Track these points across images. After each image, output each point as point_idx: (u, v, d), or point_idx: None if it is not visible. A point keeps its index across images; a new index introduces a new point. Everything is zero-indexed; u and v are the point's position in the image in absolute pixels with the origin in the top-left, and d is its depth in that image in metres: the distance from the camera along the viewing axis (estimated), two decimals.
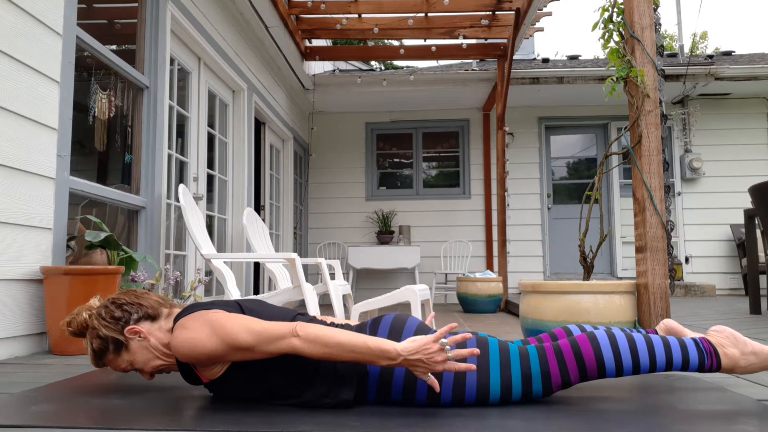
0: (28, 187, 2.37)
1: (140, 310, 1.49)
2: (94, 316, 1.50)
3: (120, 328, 1.47)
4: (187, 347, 1.32)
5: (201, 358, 1.33)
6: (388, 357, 1.26)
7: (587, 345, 1.39)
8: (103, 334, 1.46)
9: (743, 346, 1.46)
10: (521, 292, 2.79)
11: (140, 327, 1.47)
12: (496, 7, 5.62)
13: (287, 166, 6.89)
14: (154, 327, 1.49)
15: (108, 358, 1.49)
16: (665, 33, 18.23)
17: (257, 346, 1.30)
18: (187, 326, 1.35)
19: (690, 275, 7.55)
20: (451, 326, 1.30)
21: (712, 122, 7.65)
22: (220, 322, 1.32)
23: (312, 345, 1.27)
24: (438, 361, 1.26)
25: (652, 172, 2.72)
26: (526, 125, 7.87)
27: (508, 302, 6.04)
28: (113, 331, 1.46)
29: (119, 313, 1.48)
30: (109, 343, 1.46)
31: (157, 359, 1.47)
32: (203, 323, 1.34)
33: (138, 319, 1.49)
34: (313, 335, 1.28)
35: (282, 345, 1.29)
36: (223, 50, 4.54)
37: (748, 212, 4.10)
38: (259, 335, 1.29)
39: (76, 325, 1.51)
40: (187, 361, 1.36)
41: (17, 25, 2.33)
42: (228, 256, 3.24)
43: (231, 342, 1.30)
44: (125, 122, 3.55)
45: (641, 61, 2.76)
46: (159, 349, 1.47)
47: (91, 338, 1.49)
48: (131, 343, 1.46)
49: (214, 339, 1.31)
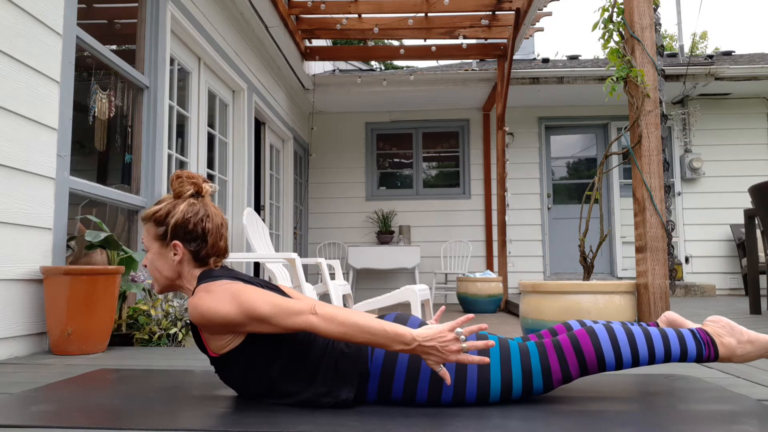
0: (28, 187, 2.37)
1: (200, 246, 1.47)
2: (186, 204, 1.48)
3: (177, 234, 1.46)
4: (205, 309, 1.32)
5: (216, 323, 1.33)
6: (403, 341, 1.26)
7: (586, 340, 1.40)
8: (170, 219, 1.46)
9: (739, 335, 1.47)
10: (521, 292, 2.79)
11: (184, 251, 1.46)
12: (496, 7, 5.62)
13: (287, 166, 6.89)
14: (187, 261, 1.48)
15: (150, 226, 1.48)
16: (665, 33, 18.23)
17: (274, 318, 1.30)
18: (211, 290, 1.36)
19: (690, 275, 7.55)
20: (467, 317, 1.30)
21: (712, 122, 7.65)
22: (242, 290, 1.34)
23: (329, 323, 1.27)
24: (452, 350, 1.25)
25: (652, 172, 2.72)
26: (526, 125, 7.87)
27: (508, 302, 6.04)
28: (173, 229, 1.45)
29: (191, 227, 1.46)
30: (164, 227, 1.46)
31: (157, 272, 1.48)
32: (225, 289, 1.35)
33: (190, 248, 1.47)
34: (331, 314, 1.28)
35: (299, 320, 1.29)
36: (223, 50, 4.54)
37: (748, 212, 4.10)
38: (278, 307, 1.30)
39: (176, 186, 1.49)
40: (201, 323, 1.35)
41: (17, 25, 2.33)
42: (228, 256, 3.24)
43: (249, 310, 1.31)
44: (125, 122, 3.55)
45: (641, 61, 2.76)
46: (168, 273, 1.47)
47: (167, 205, 1.47)
48: (166, 248, 1.47)
49: (234, 305, 1.31)
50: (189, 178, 1.51)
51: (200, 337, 1.44)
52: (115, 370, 1.96)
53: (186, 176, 1.51)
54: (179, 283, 1.50)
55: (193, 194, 1.50)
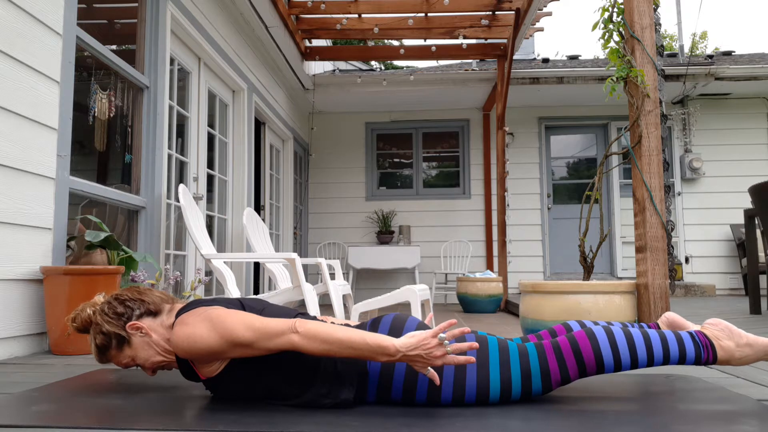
0: (28, 187, 2.37)
1: (142, 306, 1.50)
2: (98, 312, 1.51)
3: (122, 323, 1.48)
4: (187, 342, 1.33)
5: (200, 354, 1.33)
6: (386, 353, 1.26)
7: (585, 342, 1.40)
8: (105, 329, 1.47)
9: (738, 338, 1.47)
10: (521, 292, 2.79)
11: (142, 323, 1.48)
12: (496, 7, 5.62)
13: (287, 166, 6.89)
14: (156, 323, 1.49)
15: (111, 354, 1.49)
16: (665, 33, 18.23)
17: (256, 342, 1.30)
18: (187, 322, 1.36)
19: (690, 275, 7.55)
20: (450, 322, 1.30)
21: (712, 122, 7.65)
22: (219, 318, 1.33)
23: (311, 341, 1.28)
24: (437, 356, 1.26)
25: (652, 172, 2.72)
26: (526, 125, 7.87)
27: (508, 302, 6.04)
28: (116, 327, 1.47)
29: (122, 308, 1.49)
30: (112, 338, 1.47)
31: (158, 355, 1.48)
32: (203, 319, 1.34)
33: (140, 315, 1.49)
34: (312, 332, 1.28)
35: (281, 341, 1.29)
36: (223, 50, 4.54)
37: (748, 212, 4.10)
38: (259, 331, 1.30)
39: (80, 321, 1.53)
40: (186, 357, 1.36)
41: (17, 25, 2.33)
42: (228, 256, 3.24)
43: (230, 338, 1.30)
44: (125, 122, 3.55)
45: (641, 61, 2.76)
46: (160, 345, 1.47)
47: (95, 334, 1.50)
48: (133, 339, 1.47)
49: (214, 334, 1.31)
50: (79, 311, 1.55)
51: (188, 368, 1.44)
52: (115, 370, 1.96)
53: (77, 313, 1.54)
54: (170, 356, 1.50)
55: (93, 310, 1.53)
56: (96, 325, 1.49)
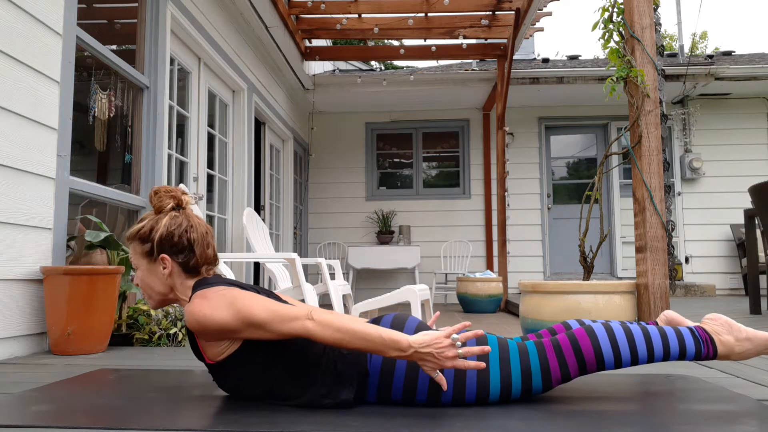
0: (28, 187, 2.37)
1: (189, 257, 1.47)
2: (169, 218, 1.48)
3: (164, 248, 1.45)
4: (201, 315, 1.32)
5: (212, 329, 1.33)
6: (399, 348, 1.26)
7: (585, 339, 1.40)
8: (153, 235, 1.45)
9: (738, 333, 1.47)
10: (521, 292, 2.79)
11: (173, 263, 1.46)
12: (496, 7, 5.62)
13: (287, 166, 6.89)
14: (178, 273, 1.47)
15: (135, 245, 1.48)
16: (665, 33, 18.23)
17: (270, 324, 1.30)
18: (207, 296, 1.36)
19: (690, 275, 7.55)
20: (464, 324, 1.30)
21: (712, 122, 7.65)
22: (238, 297, 1.34)
23: (325, 329, 1.28)
24: (448, 356, 1.26)
25: (652, 172, 2.72)
26: (526, 125, 7.87)
27: (508, 302, 6.04)
28: (159, 243, 1.45)
29: (177, 239, 1.46)
30: (149, 243, 1.46)
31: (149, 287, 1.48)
32: (221, 295, 1.35)
33: (179, 260, 1.47)
34: (327, 320, 1.28)
35: (295, 326, 1.29)
36: (223, 50, 4.54)
37: (748, 212, 4.10)
38: (274, 313, 1.30)
39: (156, 202, 1.49)
40: (197, 329, 1.35)
41: (17, 25, 2.33)
42: (228, 256, 3.24)
43: (246, 316, 1.31)
44: (125, 122, 3.55)
45: (641, 61, 2.76)
46: (160, 288, 1.47)
47: (149, 222, 1.48)
48: (154, 263, 1.46)
49: (229, 311, 1.31)
50: (167, 192, 1.52)
51: (197, 344, 1.44)
52: (115, 370, 1.96)
53: (164, 191, 1.52)
54: (173, 297, 1.50)
55: (173, 207, 1.51)
56: (155, 221, 1.47)
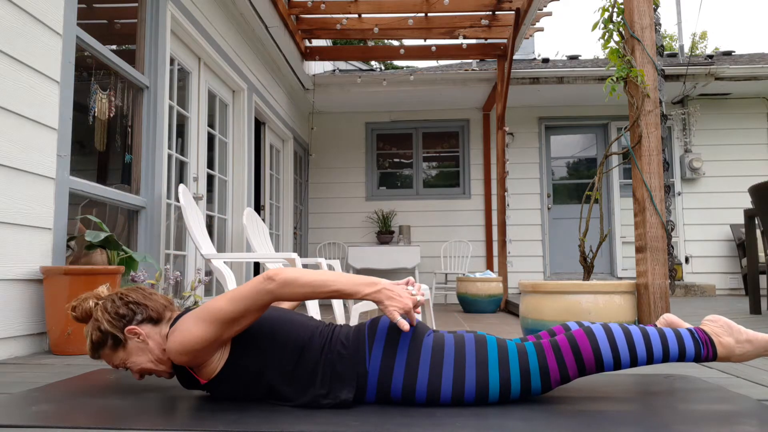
0: (28, 187, 2.37)
1: (145, 311, 1.48)
2: (100, 307, 1.49)
3: (122, 325, 1.46)
4: (179, 341, 1.34)
5: (196, 349, 1.34)
6: (369, 283, 1.35)
7: (584, 340, 1.40)
8: (104, 328, 1.46)
9: (738, 335, 1.47)
10: (521, 292, 2.79)
11: (141, 329, 1.46)
12: (496, 7, 5.62)
13: (287, 166, 6.89)
14: (154, 330, 1.48)
15: (104, 352, 1.48)
16: (665, 33, 18.23)
17: (240, 309, 1.31)
18: (177, 328, 1.38)
19: (690, 275, 7.55)
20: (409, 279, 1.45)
21: (712, 122, 7.65)
22: (203, 309, 1.35)
23: (289, 287, 1.30)
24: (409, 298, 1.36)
25: (652, 172, 2.72)
26: (526, 125, 7.87)
27: (508, 302, 6.03)
28: (114, 328, 1.45)
29: (124, 310, 1.47)
30: (108, 338, 1.46)
31: (150, 362, 1.46)
32: (188, 317, 1.37)
33: (141, 321, 1.48)
34: (289, 278, 1.30)
35: (263, 298, 1.31)
36: (223, 50, 4.54)
37: (748, 212, 4.10)
38: (237, 299, 1.32)
39: (80, 312, 1.50)
40: (184, 360, 1.35)
41: (17, 25, 2.33)
42: (228, 256, 3.24)
43: (216, 317, 1.32)
44: (125, 122, 3.55)
45: (641, 61, 2.76)
46: (155, 353, 1.46)
47: (92, 329, 1.48)
48: (129, 343, 1.46)
49: (201, 324, 1.33)
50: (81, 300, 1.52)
51: (186, 376, 1.45)
52: (115, 370, 1.95)
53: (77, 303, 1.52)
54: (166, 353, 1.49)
55: (96, 303, 1.51)
56: (95, 321, 1.48)
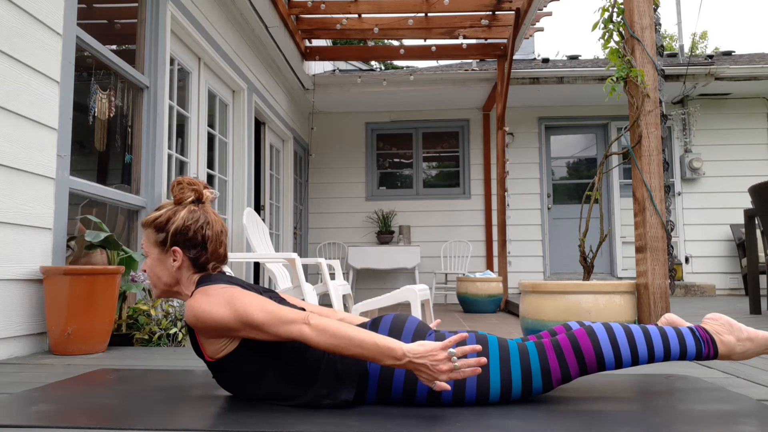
0: (28, 187, 2.37)
1: (202, 254, 1.48)
2: (190, 209, 1.48)
3: (177, 240, 1.46)
4: (200, 311, 1.33)
5: (210, 326, 1.34)
6: (393, 356, 1.25)
7: (585, 339, 1.40)
8: (169, 224, 1.46)
9: (739, 333, 1.47)
10: (521, 292, 2.79)
11: (184, 257, 1.46)
12: (496, 7, 5.62)
13: (287, 166, 6.89)
14: (188, 269, 1.48)
15: (150, 231, 1.48)
16: (665, 33, 18.23)
17: (267, 326, 1.31)
18: (208, 293, 1.37)
19: (690, 275, 7.55)
20: (461, 336, 1.28)
21: (712, 122, 7.65)
22: (237, 296, 1.35)
23: (321, 335, 1.28)
24: (443, 370, 1.24)
25: (652, 172, 2.72)
26: (526, 125, 7.87)
27: (508, 302, 6.03)
28: (173, 235, 1.46)
29: (191, 234, 1.46)
30: (163, 231, 1.46)
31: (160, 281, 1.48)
32: (222, 293, 1.36)
33: (191, 253, 1.47)
34: (324, 325, 1.29)
35: (292, 329, 1.30)
36: (223, 50, 4.54)
37: (748, 212, 4.10)
38: (272, 314, 1.31)
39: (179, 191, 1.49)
40: (196, 325, 1.36)
41: (17, 25, 2.33)
42: (227, 263, 3.24)
43: (243, 316, 1.31)
44: (125, 122, 3.55)
45: (641, 61, 2.76)
46: (170, 281, 1.48)
47: (168, 212, 1.48)
48: (165, 255, 1.47)
49: (228, 310, 1.32)
50: (190, 184, 1.52)
51: (197, 341, 1.44)
52: (115, 370, 1.96)
53: (187, 182, 1.52)
54: (177, 289, 1.50)
55: (193, 201, 1.51)
56: (171, 210, 1.48)
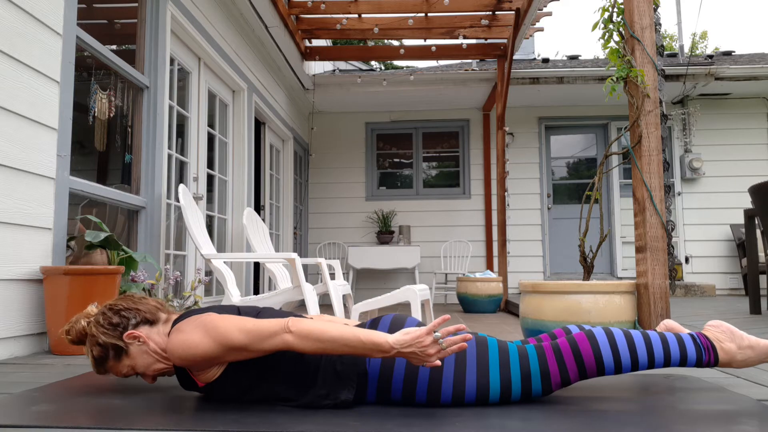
0: (28, 187, 2.37)
1: (138, 315, 1.49)
2: (93, 323, 1.49)
3: (119, 333, 1.46)
4: (182, 349, 1.33)
5: (196, 360, 1.34)
6: (381, 349, 1.27)
7: (585, 343, 1.40)
8: (102, 341, 1.46)
9: (740, 341, 1.46)
10: (521, 292, 2.79)
11: (139, 332, 1.46)
12: (496, 7, 5.62)
13: (287, 166, 6.88)
14: (152, 331, 1.48)
15: (109, 365, 1.48)
16: (665, 33, 18.23)
17: (250, 345, 1.30)
18: (183, 329, 1.36)
19: (690, 275, 7.55)
20: (443, 318, 1.30)
21: (712, 122, 7.65)
22: (213, 323, 1.33)
23: (304, 340, 1.28)
24: (431, 353, 1.26)
25: (652, 172, 2.72)
26: (526, 125, 7.87)
27: (508, 302, 6.03)
28: (112, 338, 1.46)
29: (117, 318, 1.47)
30: (109, 349, 1.46)
31: (158, 362, 1.47)
32: (197, 325, 1.35)
33: (136, 324, 1.48)
34: (306, 331, 1.28)
35: (275, 342, 1.29)
36: (223, 50, 4.54)
37: (748, 212, 4.10)
38: (251, 333, 1.30)
39: (74, 334, 1.51)
40: (183, 364, 1.36)
41: (17, 25, 2.33)
42: (228, 256, 3.24)
43: (224, 342, 1.31)
44: (125, 122, 3.55)
45: (641, 61, 2.76)
46: (158, 353, 1.46)
47: (91, 346, 1.48)
48: (131, 348, 1.46)
49: (208, 340, 1.32)
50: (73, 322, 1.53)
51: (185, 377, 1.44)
52: None
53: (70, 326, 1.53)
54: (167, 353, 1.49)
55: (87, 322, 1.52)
56: (92, 337, 1.48)
